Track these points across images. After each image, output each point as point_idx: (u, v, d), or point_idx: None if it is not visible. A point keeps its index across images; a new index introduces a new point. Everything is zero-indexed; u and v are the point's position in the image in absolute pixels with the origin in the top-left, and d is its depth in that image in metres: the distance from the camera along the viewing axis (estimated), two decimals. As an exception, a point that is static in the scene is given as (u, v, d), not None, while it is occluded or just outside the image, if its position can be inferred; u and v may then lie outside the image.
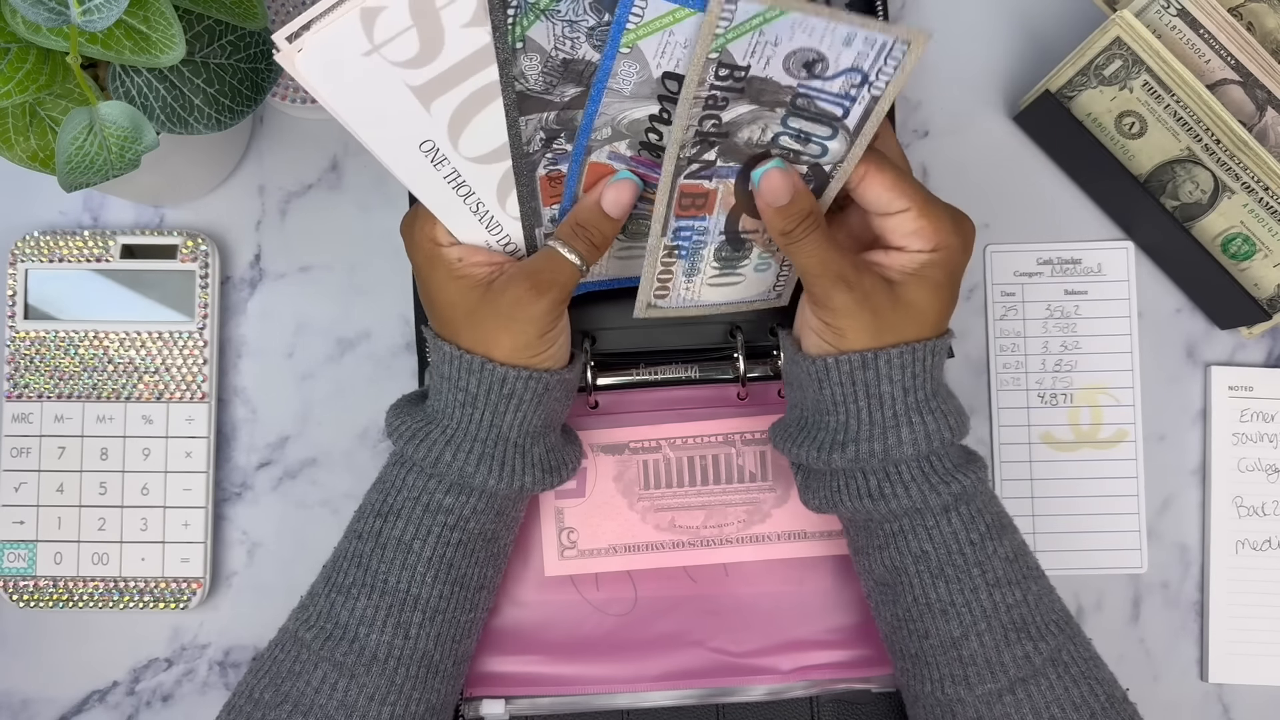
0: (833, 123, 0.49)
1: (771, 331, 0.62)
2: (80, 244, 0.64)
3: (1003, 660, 0.50)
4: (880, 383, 0.50)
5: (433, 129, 0.48)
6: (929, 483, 0.50)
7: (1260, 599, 0.66)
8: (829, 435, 0.52)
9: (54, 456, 0.64)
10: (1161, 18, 0.59)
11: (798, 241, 0.50)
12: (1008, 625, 0.50)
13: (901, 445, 0.50)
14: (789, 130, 0.49)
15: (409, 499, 0.52)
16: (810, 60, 0.46)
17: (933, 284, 0.51)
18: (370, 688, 0.51)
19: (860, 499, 0.52)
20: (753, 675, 0.60)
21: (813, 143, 0.49)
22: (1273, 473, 0.66)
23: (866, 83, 0.47)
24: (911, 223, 0.50)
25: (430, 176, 0.50)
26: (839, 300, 0.50)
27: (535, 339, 0.51)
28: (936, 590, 0.51)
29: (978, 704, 0.50)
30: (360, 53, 0.45)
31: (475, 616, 0.55)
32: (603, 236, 0.52)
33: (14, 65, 0.48)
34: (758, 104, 0.48)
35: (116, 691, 0.65)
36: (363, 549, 0.53)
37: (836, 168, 0.50)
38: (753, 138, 0.49)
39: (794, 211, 0.50)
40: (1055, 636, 0.51)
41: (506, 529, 0.55)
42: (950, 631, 0.51)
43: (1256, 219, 0.62)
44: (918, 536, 0.51)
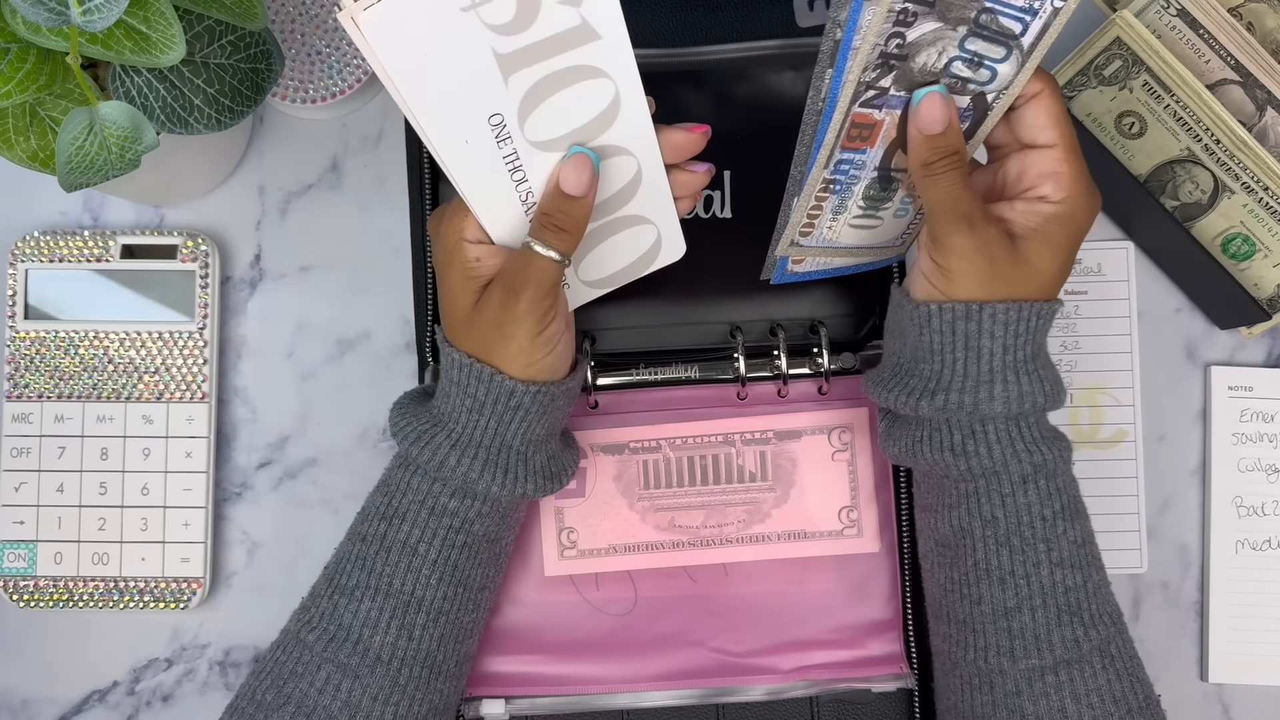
0: (1009, 41, 0.48)
1: (771, 331, 0.62)
2: (80, 244, 0.64)
3: (1051, 639, 0.50)
4: (981, 336, 0.49)
5: (506, 103, 0.47)
6: (1013, 447, 0.50)
7: (1260, 599, 0.66)
8: (921, 382, 0.51)
9: (54, 456, 0.64)
10: (1161, 18, 0.59)
11: (936, 175, 0.48)
12: (1062, 606, 0.50)
13: (993, 401, 0.49)
14: (964, 54, 0.48)
15: (414, 502, 0.52)
16: None
17: (1054, 244, 0.49)
18: (374, 689, 0.51)
19: (941, 451, 0.51)
20: (753, 675, 0.60)
21: (984, 67, 0.49)
22: (1273, 473, 0.66)
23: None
24: (1052, 162, 0.49)
25: (486, 156, 0.48)
26: (958, 241, 0.48)
27: (528, 344, 0.50)
28: (999, 558, 0.51)
29: (1019, 677, 0.50)
30: (459, 7, 0.44)
31: (478, 616, 0.55)
32: (571, 219, 0.49)
33: (14, 65, 0.48)
34: (943, 21, 0.47)
35: (116, 691, 0.65)
36: (366, 551, 0.53)
37: (1001, 95, 0.50)
38: (928, 63, 0.48)
39: (942, 144, 0.48)
40: (1107, 628, 0.51)
41: (509, 530, 0.55)
42: (1005, 601, 0.51)
43: (1256, 219, 0.62)
44: (990, 501, 0.51)
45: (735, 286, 0.62)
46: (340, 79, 0.64)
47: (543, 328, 0.50)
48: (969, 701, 0.52)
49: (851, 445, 0.61)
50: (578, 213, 0.49)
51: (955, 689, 0.53)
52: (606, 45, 0.46)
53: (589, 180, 0.49)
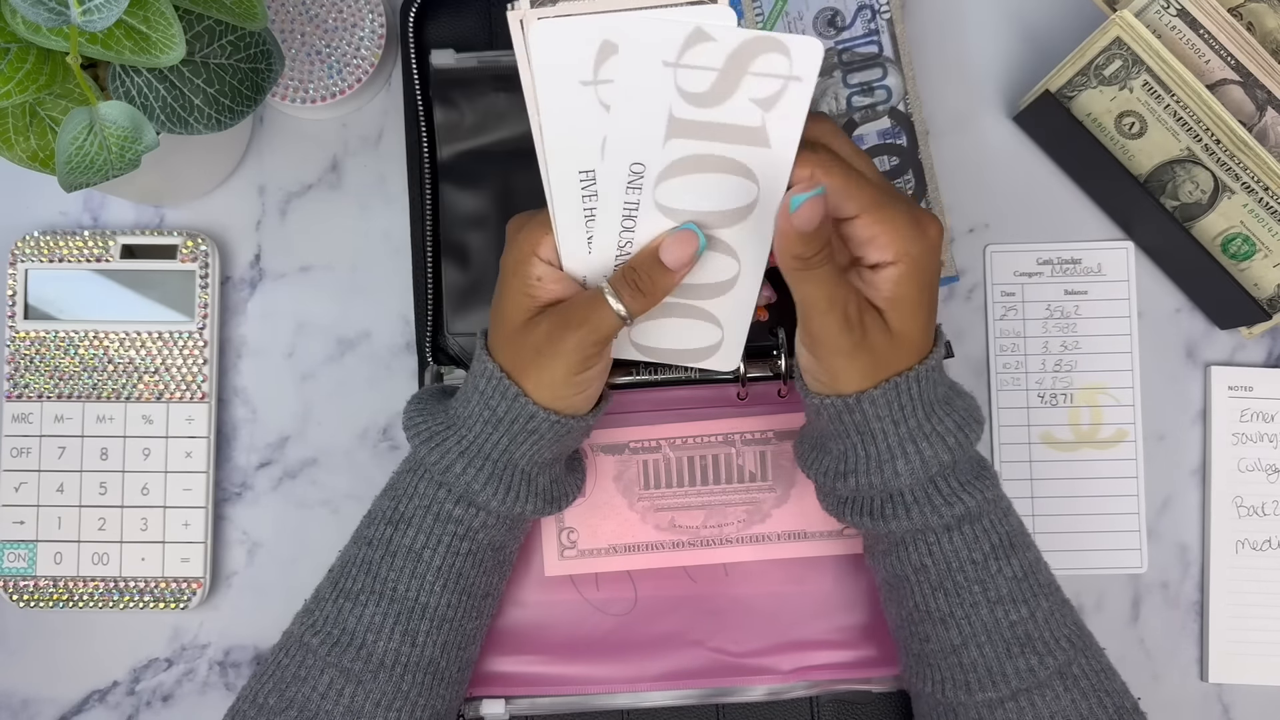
0: (876, 61, 0.53)
1: (771, 331, 0.61)
2: (80, 244, 0.64)
3: (1004, 671, 0.50)
4: (868, 421, 0.49)
5: (655, 159, 0.47)
6: (931, 505, 0.50)
7: (1260, 599, 0.66)
8: (833, 462, 0.52)
9: (54, 456, 0.64)
10: (1161, 18, 0.59)
11: (813, 269, 0.46)
12: (1010, 640, 0.50)
13: (899, 477, 0.50)
14: (853, 87, 0.52)
15: (420, 507, 0.52)
16: (830, 16, 0.51)
17: (910, 304, 0.48)
18: (376, 694, 0.51)
19: (862, 517, 0.52)
20: (753, 675, 0.60)
21: (877, 89, 0.53)
22: (1273, 473, 0.66)
23: (875, 12, 0.52)
24: (865, 229, 0.47)
25: (609, 193, 0.48)
26: (840, 343, 0.48)
27: (561, 380, 0.50)
28: (935, 600, 0.51)
29: (978, 709, 0.50)
30: (662, 61, 0.44)
31: (481, 624, 0.55)
32: (652, 284, 0.49)
33: (14, 65, 0.48)
34: (820, 75, 0.48)
35: (116, 691, 0.65)
36: (372, 556, 0.53)
37: (908, 104, 0.54)
38: (833, 110, 0.52)
39: (819, 238, 0.45)
40: (1065, 651, 0.50)
41: (514, 540, 0.55)
42: (950, 639, 0.51)
43: (1256, 219, 0.62)
44: (918, 550, 0.51)
45: (735, 286, 0.62)
46: (340, 79, 0.64)
47: (582, 370, 0.50)
48: None
49: (851, 445, 0.61)
50: (663, 282, 0.49)
51: (924, 716, 0.54)
52: (772, 157, 0.46)
53: (688, 258, 0.49)
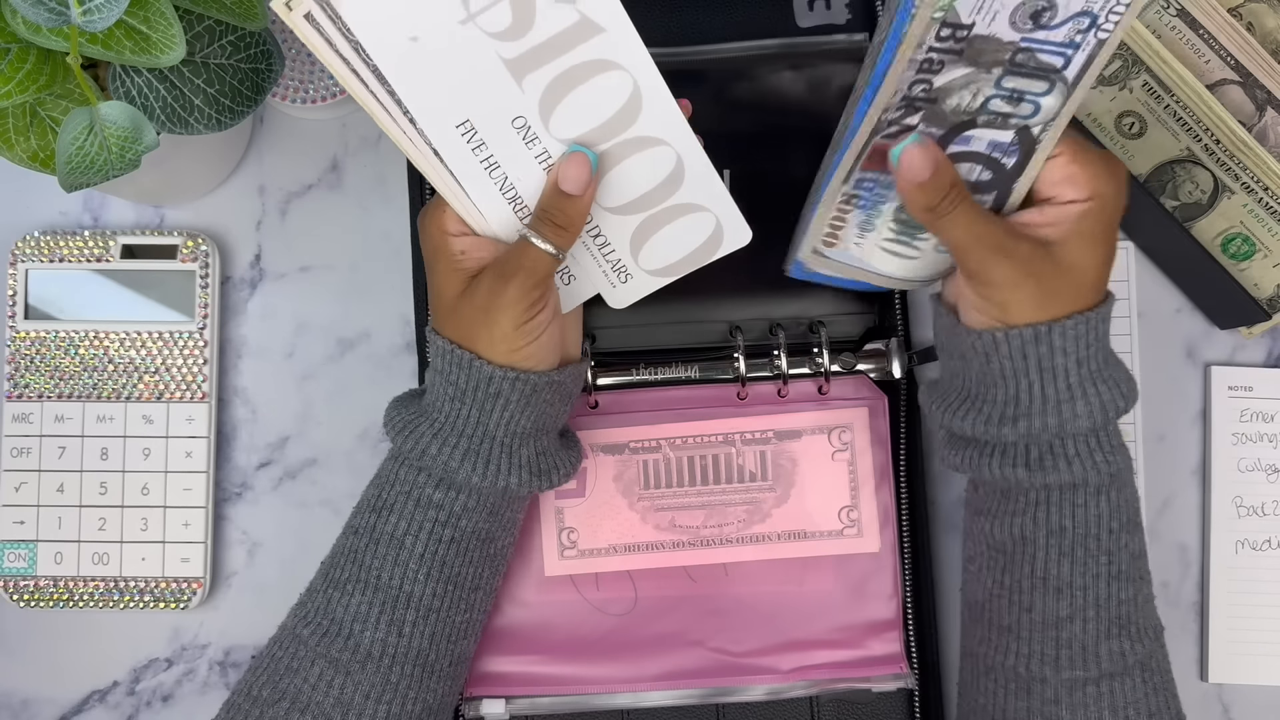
0: (1050, 75, 0.47)
1: (771, 331, 0.62)
2: (80, 244, 0.64)
3: (1099, 651, 0.50)
4: (1054, 356, 0.48)
5: (526, 105, 0.48)
6: (1092, 459, 0.49)
7: (1260, 599, 0.66)
8: (997, 409, 0.50)
9: (54, 456, 0.64)
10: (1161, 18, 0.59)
11: (945, 216, 0.47)
12: (1113, 619, 0.50)
13: (1077, 419, 0.48)
14: (1002, 92, 0.47)
15: (401, 493, 0.52)
16: (1039, 9, 0.45)
17: (1091, 239, 0.48)
18: (366, 685, 0.51)
19: (1015, 468, 0.50)
20: (753, 675, 0.60)
21: (1025, 101, 0.47)
22: (1273, 473, 0.66)
23: (1094, 26, 0.45)
24: (1062, 169, 0.48)
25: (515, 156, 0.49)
26: (999, 273, 0.47)
27: (511, 331, 0.50)
28: (1060, 567, 0.50)
29: (1060, 686, 0.50)
30: (456, 20, 0.45)
31: (472, 618, 0.55)
32: (567, 217, 0.50)
33: (14, 65, 0.48)
34: (975, 65, 0.46)
35: (116, 691, 0.65)
36: (358, 544, 0.53)
37: (1047, 127, 0.48)
38: (961, 104, 0.47)
39: (937, 184, 0.47)
40: (1151, 642, 0.51)
41: (503, 530, 0.55)
42: (1058, 610, 0.50)
43: (1256, 219, 0.62)
44: (1061, 511, 0.50)
45: (735, 286, 0.62)
46: (340, 79, 0.64)
47: (529, 316, 0.50)
48: (1001, 705, 0.52)
49: (851, 445, 0.61)
50: (574, 210, 0.50)
51: (987, 691, 0.53)
52: (611, 38, 0.47)
53: (586, 179, 0.49)
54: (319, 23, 0.46)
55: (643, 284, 0.55)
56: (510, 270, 0.50)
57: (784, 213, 0.63)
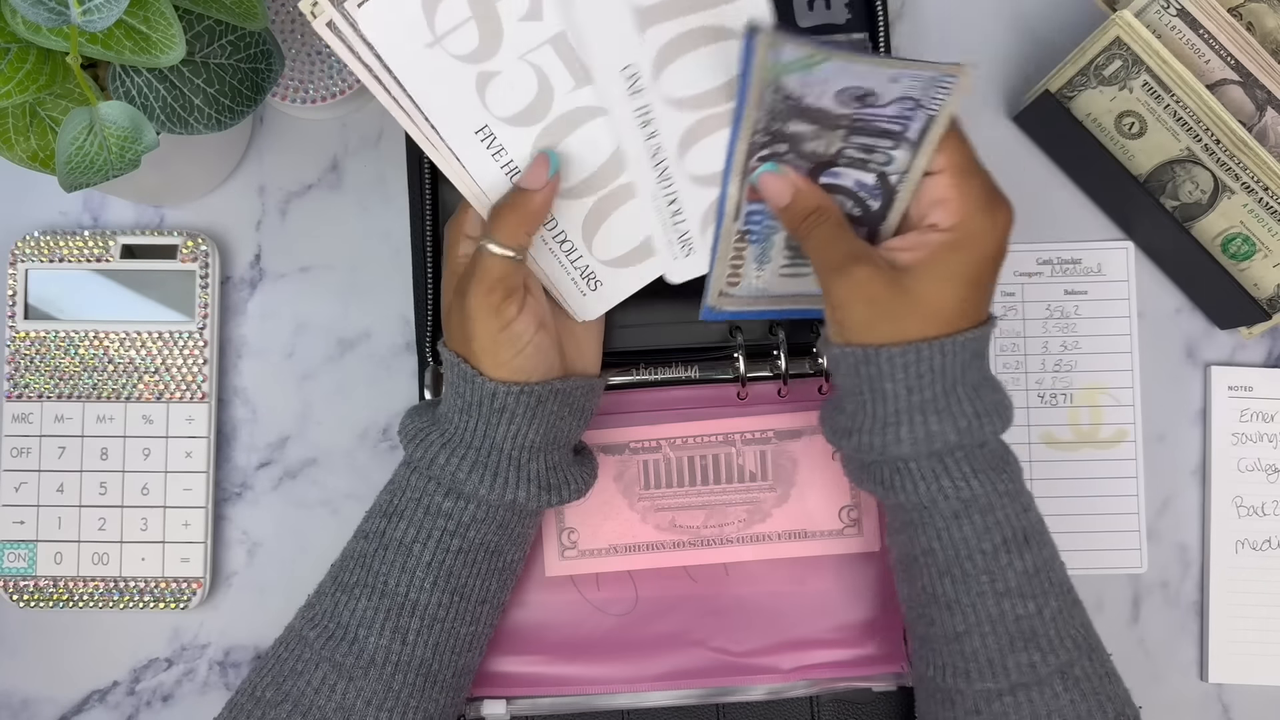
0: (894, 137, 0.49)
1: (771, 331, 0.62)
2: (80, 244, 0.64)
3: (1005, 664, 0.49)
4: (882, 379, 0.49)
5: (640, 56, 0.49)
6: (938, 483, 0.49)
7: (1260, 599, 0.66)
8: (844, 420, 0.51)
9: (54, 456, 0.64)
10: (1161, 18, 0.59)
11: (805, 238, 0.50)
12: (1014, 634, 0.49)
13: (900, 444, 0.49)
14: (852, 145, 0.50)
15: (411, 500, 0.52)
16: (862, 94, 0.47)
17: (945, 273, 0.48)
18: (368, 692, 0.51)
19: (874, 484, 0.52)
20: (753, 675, 0.60)
21: (878, 153, 0.49)
22: (1273, 473, 0.66)
23: (920, 106, 0.47)
24: (941, 188, 0.49)
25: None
26: (835, 293, 0.50)
27: (490, 343, 0.50)
28: (942, 585, 0.51)
29: (975, 698, 0.50)
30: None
31: (477, 630, 0.54)
32: (516, 211, 0.50)
33: (14, 65, 0.48)
34: (818, 125, 0.49)
35: (116, 691, 0.65)
36: (367, 549, 0.53)
37: (903, 179, 0.50)
38: (818, 149, 0.50)
39: (797, 210, 0.50)
40: (1069, 651, 0.50)
41: (512, 544, 0.54)
42: (954, 625, 0.50)
43: (1256, 219, 0.62)
44: (926, 534, 0.51)
45: (735, 286, 0.62)
46: (340, 79, 0.64)
47: (503, 325, 0.50)
48: (935, 714, 0.52)
49: (852, 445, 0.61)
50: (526, 205, 0.50)
51: (923, 700, 0.54)
52: None
53: (544, 177, 0.50)
54: (341, 30, 0.46)
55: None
56: (466, 278, 0.51)
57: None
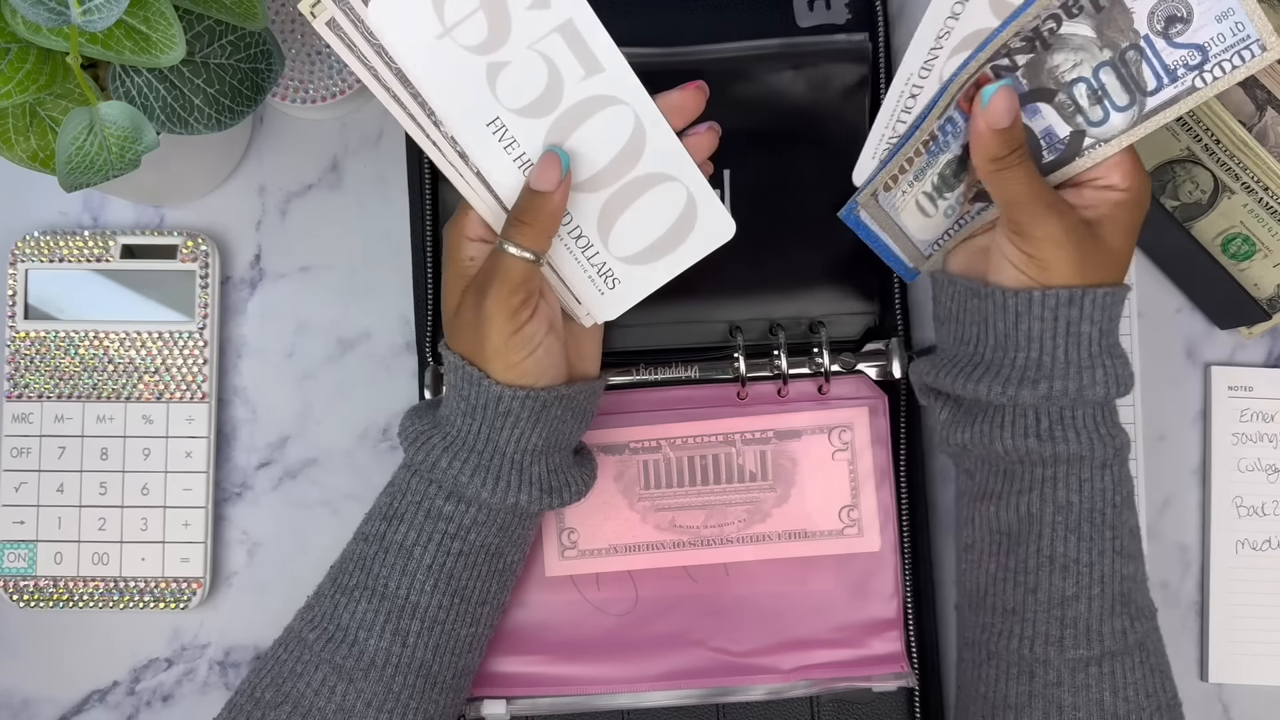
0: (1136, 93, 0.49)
1: (771, 331, 0.62)
2: (80, 244, 0.64)
3: (1102, 630, 0.50)
4: (1083, 321, 0.49)
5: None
6: (1098, 431, 0.50)
7: (1260, 599, 0.66)
8: (1017, 371, 0.50)
9: (54, 456, 0.64)
10: (1161, 18, 0.59)
11: (1010, 168, 0.49)
12: (1116, 596, 0.50)
13: (1095, 386, 0.50)
14: (1094, 82, 0.49)
15: (412, 503, 0.52)
16: (1175, 15, 0.47)
17: (1125, 227, 0.50)
18: (368, 694, 0.51)
19: (1025, 437, 0.51)
20: (753, 675, 0.60)
21: (1101, 105, 0.49)
22: (1273, 473, 0.66)
23: (1200, 68, 0.48)
24: (1120, 154, 0.50)
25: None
26: (1050, 229, 0.49)
27: (501, 345, 0.50)
28: (1067, 544, 0.50)
29: (1063, 668, 0.50)
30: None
31: (477, 632, 0.54)
32: (536, 215, 0.50)
33: (14, 65, 0.48)
34: (1098, 34, 0.48)
35: (116, 691, 0.65)
36: (367, 551, 0.53)
37: (1098, 145, 0.50)
38: (1061, 66, 0.49)
39: (1012, 135, 0.49)
40: (1148, 621, 0.52)
41: (512, 546, 0.54)
42: (1064, 589, 0.50)
43: (1256, 219, 0.62)
44: (1068, 486, 0.51)
45: (735, 286, 0.62)
46: (340, 79, 0.64)
47: (516, 327, 0.50)
48: (1002, 691, 0.52)
49: (852, 444, 0.61)
50: (544, 208, 0.50)
51: (988, 679, 0.53)
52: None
53: (557, 176, 0.50)
54: (342, 28, 0.46)
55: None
56: (484, 280, 0.50)
57: (784, 213, 0.63)
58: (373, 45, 0.48)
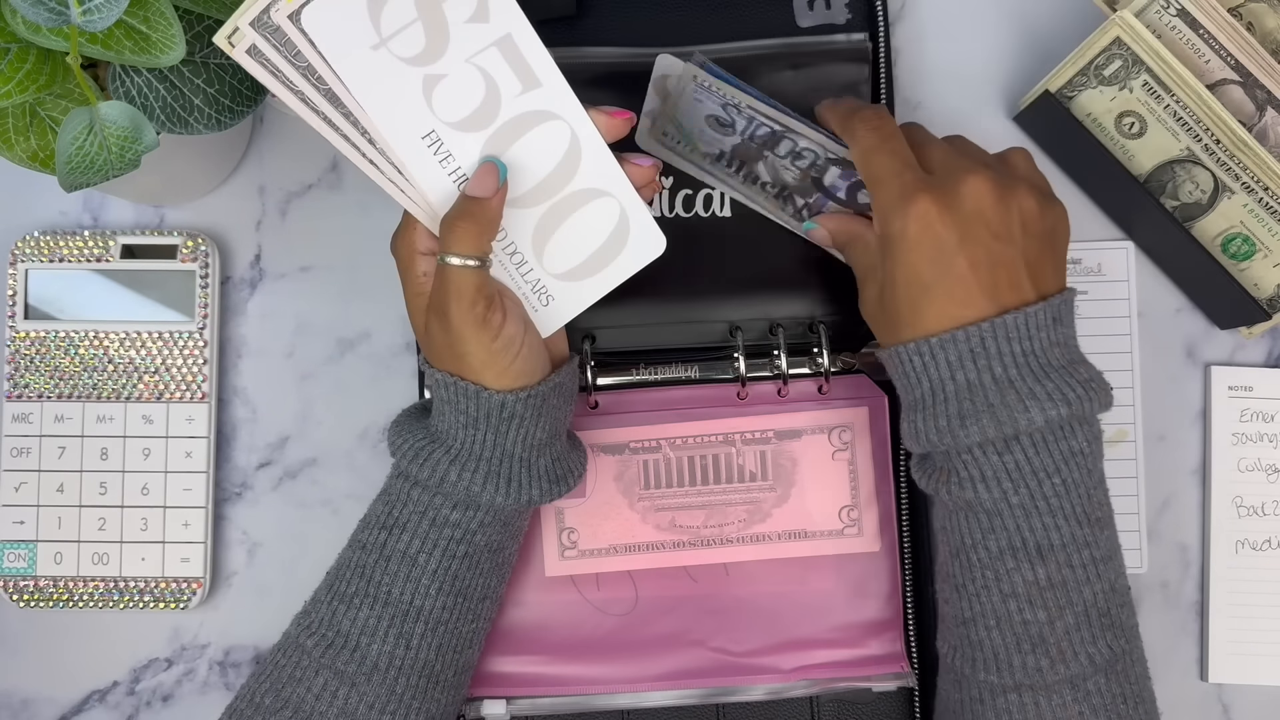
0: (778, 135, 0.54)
1: (771, 331, 0.61)
2: (80, 244, 0.64)
3: (1011, 663, 0.49)
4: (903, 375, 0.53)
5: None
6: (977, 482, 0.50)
7: (1260, 599, 0.66)
8: None
9: (54, 456, 0.64)
10: (1161, 18, 0.59)
11: None
12: (1021, 636, 0.49)
13: None
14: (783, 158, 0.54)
15: (415, 513, 0.52)
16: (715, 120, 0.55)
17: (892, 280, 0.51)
18: (370, 696, 0.51)
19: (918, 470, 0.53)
20: (753, 675, 0.60)
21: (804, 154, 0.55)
22: (1273, 473, 0.66)
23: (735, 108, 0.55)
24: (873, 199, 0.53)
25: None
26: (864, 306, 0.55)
27: (486, 356, 0.50)
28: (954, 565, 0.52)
29: (979, 688, 0.51)
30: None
31: (478, 627, 0.55)
32: (473, 218, 0.49)
33: (14, 65, 0.48)
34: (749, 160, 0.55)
35: (116, 691, 0.65)
36: (366, 560, 0.52)
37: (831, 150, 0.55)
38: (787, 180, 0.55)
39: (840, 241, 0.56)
40: (1081, 666, 0.49)
41: (512, 539, 0.55)
42: (962, 610, 0.51)
43: (1256, 219, 0.62)
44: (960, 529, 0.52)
45: (734, 285, 0.62)
46: (340, 79, 0.64)
47: (493, 334, 0.50)
48: (947, 691, 0.53)
49: (852, 444, 0.61)
50: (480, 212, 0.49)
51: (941, 674, 0.54)
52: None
53: (493, 184, 0.49)
54: (264, 54, 0.46)
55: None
56: (441, 300, 0.50)
57: (784, 213, 0.62)
58: (298, 68, 0.47)
